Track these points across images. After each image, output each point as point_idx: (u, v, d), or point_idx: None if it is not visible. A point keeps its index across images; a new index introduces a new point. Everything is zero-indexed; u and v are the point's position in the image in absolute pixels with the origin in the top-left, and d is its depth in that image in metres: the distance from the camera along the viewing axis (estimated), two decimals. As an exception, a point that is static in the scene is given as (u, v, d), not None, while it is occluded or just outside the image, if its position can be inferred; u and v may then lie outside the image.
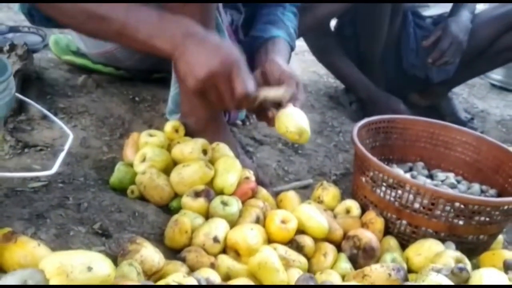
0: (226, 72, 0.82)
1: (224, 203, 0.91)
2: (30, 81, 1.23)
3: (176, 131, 1.07)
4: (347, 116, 1.74)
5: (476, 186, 1.13)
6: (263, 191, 1.02)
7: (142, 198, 0.96)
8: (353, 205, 1.04)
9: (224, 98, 0.84)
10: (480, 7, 2.65)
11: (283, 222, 0.89)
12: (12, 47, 1.21)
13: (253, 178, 1.02)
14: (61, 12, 0.88)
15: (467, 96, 2.30)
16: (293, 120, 0.89)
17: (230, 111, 1.24)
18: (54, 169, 0.65)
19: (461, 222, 0.96)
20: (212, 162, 1.00)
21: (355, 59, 1.74)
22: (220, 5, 1.18)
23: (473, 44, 1.72)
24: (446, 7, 1.81)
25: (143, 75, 1.42)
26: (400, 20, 1.71)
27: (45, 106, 1.19)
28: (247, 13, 1.30)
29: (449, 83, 1.85)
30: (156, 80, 1.45)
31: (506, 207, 0.96)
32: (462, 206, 0.94)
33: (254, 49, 1.14)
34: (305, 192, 1.17)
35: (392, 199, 1.00)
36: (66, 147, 0.71)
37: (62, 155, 0.68)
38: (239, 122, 1.36)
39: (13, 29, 1.56)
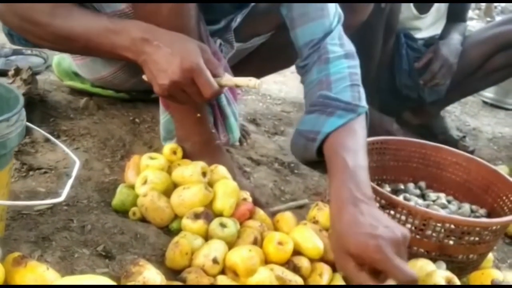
0: (187, 78, 0.87)
1: (223, 225, 0.94)
2: (34, 104, 1.26)
3: (174, 153, 1.11)
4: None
5: (466, 206, 1.17)
6: (260, 212, 1.06)
7: (143, 219, 0.99)
8: (348, 226, 1.07)
9: (193, 98, 0.90)
10: (472, 23, 2.72)
11: (280, 243, 0.92)
12: (17, 71, 1.24)
13: (250, 199, 1.06)
14: (32, 35, 0.97)
15: (459, 113, 2.36)
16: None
17: (219, 133, 1.25)
18: (63, 196, 0.68)
19: (451, 242, 0.99)
20: (211, 184, 1.03)
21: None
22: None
23: (464, 65, 1.78)
24: (437, 30, 1.86)
25: (142, 96, 1.46)
26: (393, 42, 1.76)
27: (49, 128, 1.23)
28: (240, 50, 1.34)
29: (441, 102, 1.90)
30: (155, 100, 1.48)
31: (495, 227, 1.00)
32: (452, 226, 0.98)
33: (313, 154, 1.03)
34: (301, 212, 1.21)
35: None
36: (74, 174, 0.74)
37: (70, 182, 0.71)
38: (237, 143, 1.39)
39: (16, 52, 1.60)
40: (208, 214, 0.96)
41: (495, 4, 5.78)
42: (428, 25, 1.83)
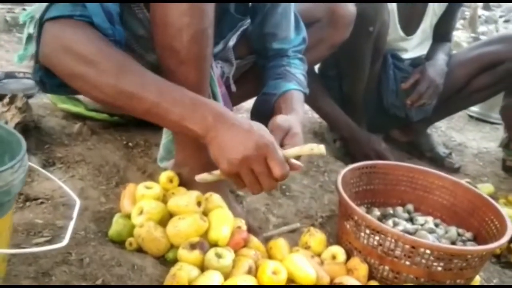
0: (260, 155, 0.86)
1: (218, 255, 0.96)
2: (29, 131, 1.28)
3: (171, 181, 1.13)
4: (332, 154, 1.81)
5: (453, 230, 1.21)
6: (254, 240, 1.08)
7: (140, 249, 1.01)
8: (339, 251, 1.11)
9: (261, 181, 0.88)
10: (457, 33, 2.77)
11: (274, 273, 0.95)
12: (12, 99, 1.26)
13: (244, 227, 1.08)
14: (89, 85, 0.90)
15: (445, 129, 2.41)
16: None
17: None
18: (66, 241, 0.69)
19: (439, 268, 1.02)
20: (205, 212, 1.06)
21: (338, 98, 1.83)
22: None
23: (450, 84, 1.83)
24: (424, 50, 1.91)
25: (136, 120, 1.48)
26: (381, 63, 1.80)
27: (44, 155, 1.25)
28: (240, 66, 1.38)
29: (428, 121, 1.95)
30: (148, 123, 1.50)
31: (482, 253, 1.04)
32: (440, 253, 1.01)
33: (269, 107, 1.22)
34: (293, 236, 1.23)
35: (375, 243, 1.07)
36: (75, 216, 0.76)
37: (72, 225, 0.73)
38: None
39: (9, 75, 1.61)
40: (203, 244, 0.99)
41: (479, 13, 5.88)
42: (414, 45, 1.88)
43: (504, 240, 1.04)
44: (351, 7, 1.47)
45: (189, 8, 0.96)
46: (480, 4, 6.54)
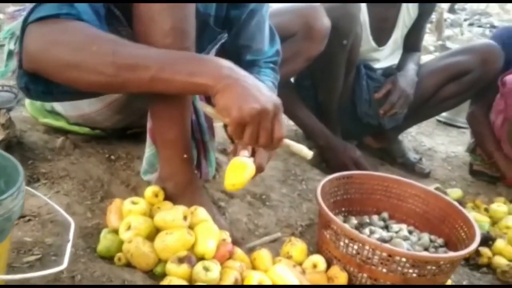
0: (272, 113, 0.89)
1: (206, 269, 1.00)
2: (11, 147, 1.29)
3: (156, 195, 1.16)
4: (308, 162, 1.86)
5: (425, 237, 1.27)
6: (238, 251, 1.12)
7: (128, 264, 1.04)
8: (319, 260, 1.16)
9: (261, 136, 0.91)
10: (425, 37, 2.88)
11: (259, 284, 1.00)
12: (-6, 115, 1.26)
13: (229, 240, 1.12)
14: (85, 71, 0.90)
15: (416, 134, 2.50)
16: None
17: (201, 168, 1.33)
18: (65, 264, 0.72)
19: (414, 275, 1.09)
20: (191, 226, 1.09)
21: (313, 107, 1.88)
22: None
23: (420, 93, 1.91)
24: (395, 60, 1.99)
25: (118, 133, 1.50)
26: (354, 73, 1.87)
27: (28, 171, 1.26)
28: None
29: (399, 128, 2.03)
30: (130, 136, 1.53)
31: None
32: (415, 260, 1.08)
33: None
34: (275, 246, 1.28)
35: (354, 252, 1.12)
36: (71, 237, 0.78)
37: (69, 247, 0.76)
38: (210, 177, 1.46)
39: (-14, 89, 1.61)
40: (191, 258, 1.02)
41: (445, 17, 6.06)
42: (386, 56, 1.95)
43: (473, 246, 1.11)
44: (326, 21, 1.53)
45: (171, 29, 0.99)
46: (446, 8, 6.74)
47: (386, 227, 1.32)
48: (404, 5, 1.87)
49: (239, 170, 1.04)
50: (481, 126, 1.99)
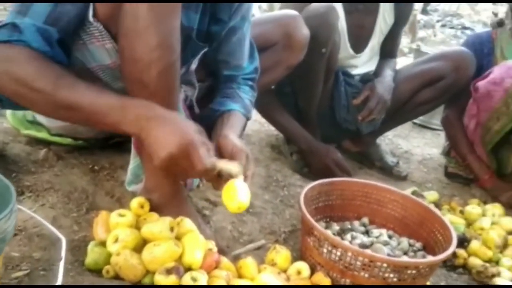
0: (184, 153, 0.96)
1: (194, 279, 1.02)
2: (-6, 160, 1.28)
3: (142, 207, 1.18)
4: (289, 167, 1.90)
5: (405, 242, 1.32)
6: (224, 260, 1.15)
7: (117, 276, 1.05)
8: (303, 267, 1.19)
9: (186, 173, 0.99)
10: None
11: (246, 293, 1.02)
12: (-23, 129, 1.26)
13: (215, 249, 1.15)
14: (29, 101, 0.98)
15: (392, 137, 2.55)
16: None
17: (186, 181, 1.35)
18: (59, 282, 0.73)
19: (395, 279, 1.13)
20: (178, 237, 1.11)
21: (293, 113, 1.92)
22: None
23: (396, 99, 1.96)
24: (372, 66, 2.04)
25: (101, 143, 1.51)
26: (333, 79, 1.91)
27: (13, 185, 1.25)
28: (202, 88, 1.44)
29: (377, 132, 2.08)
30: (112, 145, 1.54)
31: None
32: (396, 265, 1.12)
33: (212, 121, 1.29)
34: (259, 253, 1.31)
35: (336, 258, 1.16)
36: (63, 255, 0.80)
37: (61, 265, 0.77)
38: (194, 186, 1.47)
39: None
40: (179, 269, 1.04)
41: (418, 18, 6.19)
42: (363, 62, 2.00)
43: (450, 251, 1.15)
44: (305, 31, 1.56)
45: (158, 43, 1.00)
46: (419, 9, 6.88)
47: (367, 232, 1.36)
48: (380, 13, 1.92)
49: (236, 191, 1.05)
50: (455, 129, 2.06)
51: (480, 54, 2.01)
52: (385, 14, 1.94)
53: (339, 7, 1.82)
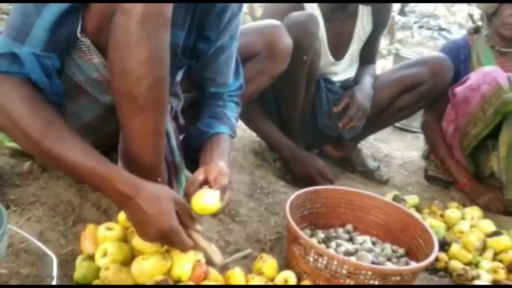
0: (165, 238, 1.00)
1: (183, 291, 1.04)
2: (-22, 174, 1.27)
3: (130, 219, 1.18)
4: (273, 174, 1.92)
5: (388, 248, 1.35)
6: (212, 271, 1.16)
7: (105, 290, 1.06)
8: (290, 276, 1.21)
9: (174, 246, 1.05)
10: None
11: (236, 304, 1.04)
12: (-40, 144, 1.25)
13: (203, 260, 1.16)
14: (16, 139, 1.01)
15: (373, 140, 2.59)
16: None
17: (173, 189, 1.36)
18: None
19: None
20: (167, 249, 1.12)
21: (276, 120, 1.94)
22: None
23: (376, 104, 2.00)
24: (352, 73, 2.07)
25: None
26: (314, 86, 1.94)
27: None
28: (187, 99, 1.45)
29: (358, 137, 2.11)
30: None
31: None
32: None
33: (201, 141, 1.31)
34: (246, 262, 1.32)
35: (322, 266, 1.18)
36: (55, 273, 0.80)
37: (54, 283, 0.77)
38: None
39: None
40: (167, 282, 1.05)
41: (396, 19, 6.28)
42: (343, 69, 2.03)
43: (432, 257, 1.19)
44: (288, 41, 1.58)
45: (147, 58, 1.00)
46: (396, 10, 6.98)
47: (351, 239, 1.39)
48: (359, 20, 1.96)
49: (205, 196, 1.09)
50: (434, 134, 2.11)
51: (458, 60, 2.06)
52: (364, 21, 1.98)
53: (318, 15, 1.85)
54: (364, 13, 1.97)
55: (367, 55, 2.09)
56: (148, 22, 0.98)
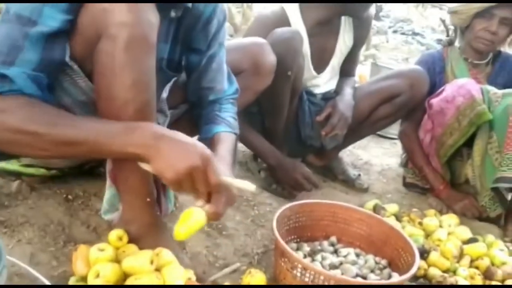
0: (203, 165, 0.99)
1: (176, 311, 1.07)
2: (-33, 195, 1.28)
3: (120, 239, 1.20)
4: (258, 184, 1.96)
5: (371, 260, 1.40)
6: (203, 289, 1.20)
7: (99, 311, 1.08)
8: (278, 291, 1.25)
9: (199, 187, 1.01)
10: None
11: (228, 322, 1.07)
12: None
13: (194, 278, 1.19)
14: (26, 145, 0.98)
15: (352, 148, 2.65)
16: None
17: (161, 204, 1.38)
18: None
19: (364, 298, 1.21)
20: (158, 268, 1.15)
21: (260, 131, 1.98)
22: None
23: (356, 115, 2.06)
24: (333, 85, 2.13)
25: (74, 171, 1.52)
26: (297, 99, 1.98)
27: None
28: (173, 115, 1.47)
29: (339, 147, 2.16)
30: (85, 172, 1.55)
31: (395, 280, 1.24)
32: (364, 285, 1.20)
33: None
34: (235, 276, 1.36)
35: (309, 281, 1.22)
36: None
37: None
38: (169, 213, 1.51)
39: None
40: (162, 300, 1.08)
41: (372, 24, 6.39)
42: (325, 81, 2.09)
43: (413, 270, 1.24)
44: (272, 58, 1.62)
45: (133, 83, 1.04)
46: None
47: (336, 252, 1.44)
48: (341, 35, 2.02)
49: (187, 219, 1.10)
50: (411, 143, 2.18)
51: (433, 72, 2.13)
52: (345, 36, 2.03)
53: (303, 30, 1.90)
54: (346, 28, 2.03)
55: (347, 69, 2.15)
56: (133, 47, 1.01)
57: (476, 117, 1.87)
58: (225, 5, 1.44)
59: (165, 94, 1.44)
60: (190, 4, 1.28)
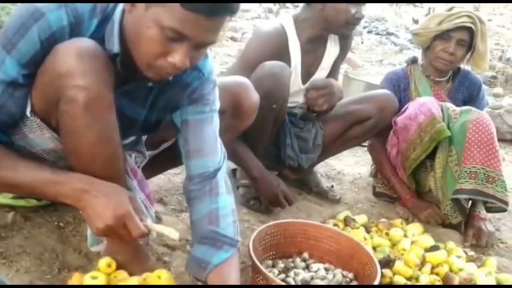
0: (120, 222, 1.10)
1: (164, 331, 1.20)
2: (-35, 229, 1.38)
3: (109, 265, 1.33)
4: (236, 201, 2.08)
5: (339, 274, 1.54)
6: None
7: (94, 334, 1.20)
8: (256, 307, 1.39)
9: (125, 237, 1.15)
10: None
11: None
12: None
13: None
14: None
15: (326, 158, 2.80)
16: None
17: None
18: None
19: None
20: (148, 291, 1.28)
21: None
22: None
23: (329, 135, 2.23)
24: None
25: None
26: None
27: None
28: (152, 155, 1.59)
29: (314, 163, 2.31)
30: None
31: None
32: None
33: (205, 274, 1.31)
34: (216, 293, 1.49)
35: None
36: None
37: None
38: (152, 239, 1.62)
39: None
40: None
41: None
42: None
43: (376, 282, 1.39)
44: (255, 98, 1.61)
45: (97, 139, 1.11)
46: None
47: (307, 267, 1.58)
48: (327, 49, 2.16)
49: None
50: (379, 156, 2.33)
51: (398, 90, 2.29)
52: (331, 49, 2.17)
53: (297, 46, 2.02)
54: (332, 42, 2.17)
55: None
56: (92, 108, 1.07)
57: (436, 134, 2.04)
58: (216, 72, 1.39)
59: (144, 137, 1.54)
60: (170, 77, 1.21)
